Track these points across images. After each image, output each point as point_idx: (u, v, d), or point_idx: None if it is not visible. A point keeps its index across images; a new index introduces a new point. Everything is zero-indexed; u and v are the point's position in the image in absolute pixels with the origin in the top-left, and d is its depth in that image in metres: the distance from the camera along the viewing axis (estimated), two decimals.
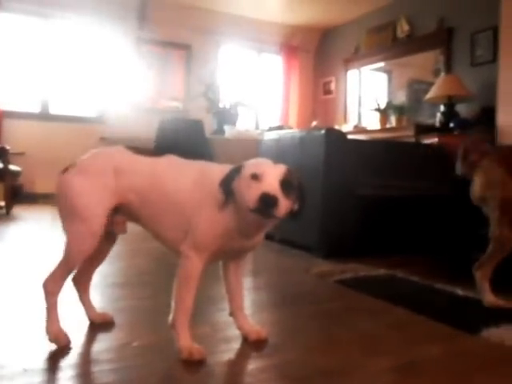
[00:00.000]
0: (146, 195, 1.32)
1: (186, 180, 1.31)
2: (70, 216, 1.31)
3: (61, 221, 1.33)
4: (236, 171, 1.24)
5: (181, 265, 1.28)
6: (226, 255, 1.38)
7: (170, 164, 1.37)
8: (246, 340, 1.43)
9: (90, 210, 1.30)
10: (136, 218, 1.37)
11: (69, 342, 1.33)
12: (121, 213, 1.36)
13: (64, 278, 1.34)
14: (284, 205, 1.17)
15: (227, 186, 1.22)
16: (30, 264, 2.49)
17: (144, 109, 6.48)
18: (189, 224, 1.27)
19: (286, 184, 1.18)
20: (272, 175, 1.17)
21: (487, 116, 4.46)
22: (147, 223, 1.36)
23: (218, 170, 1.28)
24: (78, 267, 1.43)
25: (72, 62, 6.20)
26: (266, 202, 1.13)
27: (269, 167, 1.19)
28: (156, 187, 1.32)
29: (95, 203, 1.30)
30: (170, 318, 1.29)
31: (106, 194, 1.31)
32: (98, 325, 1.52)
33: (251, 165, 1.22)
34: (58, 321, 1.34)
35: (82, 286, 1.53)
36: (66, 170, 1.34)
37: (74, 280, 1.51)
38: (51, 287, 1.32)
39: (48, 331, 1.32)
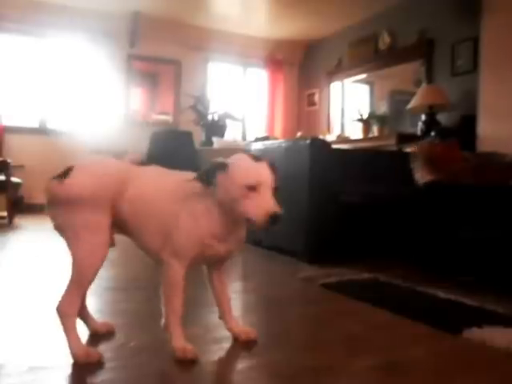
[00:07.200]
0: (134, 204, 1.32)
1: (165, 189, 1.33)
2: (79, 229, 1.24)
3: (67, 236, 1.27)
4: (221, 167, 1.27)
5: (164, 272, 1.31)
6: (205, 261, 1.41)
7: (152, 173, 1.39)
8: (236, 340, 1.47)
9: (102, 220, 1.27)
10: (124, 228, 1.36)
11: (101, 355, 1.28)
12: (113, 224, 1.33)
13: (78, 297, 1.27)
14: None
15: (210, 177, 1.26)
16: (31, 268, 2.55)
17: (136, 123, 6.58)
18: (167, 232, 1.29)
19: (275, 191, 1.26)
20: (267, 186, 1.23)
21: (467, 124, 4.52)
22: (132, 232, 1.36)
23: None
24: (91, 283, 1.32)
25: (67, 78, 6.31)
26: (273, 220, 1.20)
27: (261, 176, 1.23)
28: (140, 196, 1.32)
29: (105, 213, 1.28)
30: (163, 321, 1.33)
31: (110, 204, 1.29)
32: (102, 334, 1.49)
33: (241, 168, 1.25)
34: (80, 340, 1.27)
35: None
36: (60, 176, 1.27)
37: None
38: (67, 309, 1.25)
39: (74, 353, 1.25)
